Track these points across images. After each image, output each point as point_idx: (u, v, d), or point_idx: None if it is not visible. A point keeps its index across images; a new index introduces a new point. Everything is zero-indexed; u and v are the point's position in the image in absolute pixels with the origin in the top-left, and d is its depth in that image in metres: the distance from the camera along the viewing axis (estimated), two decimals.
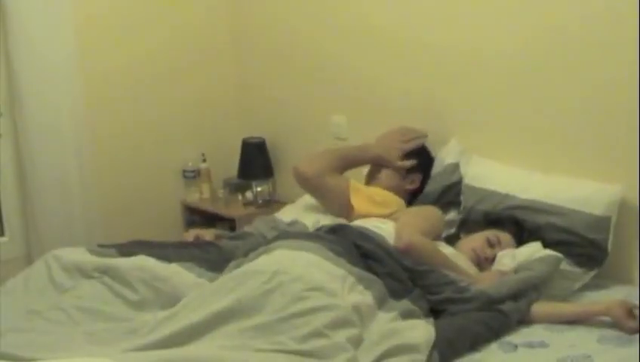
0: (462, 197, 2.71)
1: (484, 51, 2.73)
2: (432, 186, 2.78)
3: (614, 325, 2.09)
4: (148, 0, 3.38)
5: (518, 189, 2.59)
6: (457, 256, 2.37)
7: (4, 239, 3.16)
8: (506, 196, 2.60)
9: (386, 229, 2.37)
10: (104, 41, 3.26)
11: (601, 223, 2.41)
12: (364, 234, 2.28)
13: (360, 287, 2.02)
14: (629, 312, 2.08)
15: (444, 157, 2.81)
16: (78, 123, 3.13)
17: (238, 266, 2.15)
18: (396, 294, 2.10)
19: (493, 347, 2.02)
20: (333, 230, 2.31)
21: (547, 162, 2.62)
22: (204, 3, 3.54)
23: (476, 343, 2.01)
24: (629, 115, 2.37)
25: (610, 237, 2.41)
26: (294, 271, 1.95)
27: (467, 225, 2.59)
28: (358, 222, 2.47)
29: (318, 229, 2.40)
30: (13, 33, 2.95)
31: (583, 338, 2.03)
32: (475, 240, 2.45)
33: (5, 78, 3.02)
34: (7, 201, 3.14)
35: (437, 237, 2.47)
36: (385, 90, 3.07)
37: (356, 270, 2.08)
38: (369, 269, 2.14)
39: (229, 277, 2.05)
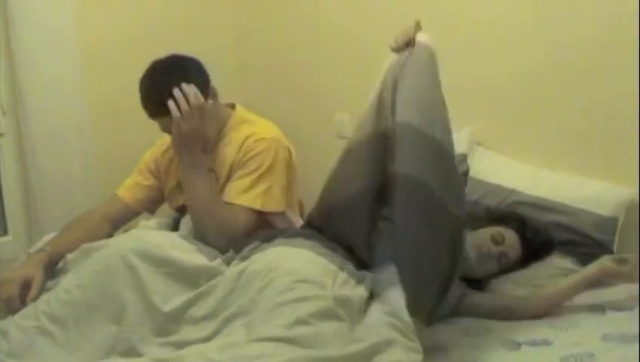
0: (466, 190, 2.67)
1: (496, 46, 2.70)
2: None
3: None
4: (152, 21, 3.41)
5: (524, 185, 2.56)
6: None
7: (7, 238, 3.16)
8: (513, 192, 2.57)
9: None
10: (108, 50, 3.28)
11: (608, 224, 2.39)
12: None
13: (352, 282, 2.00)
14: (621, 262, 2.12)
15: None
16: (81, 122, 3.14)
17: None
18: None
19: (496, 345, 1.98)
20: None
21: (556, 160, 2.60)
22: (208, 20, 3.59)
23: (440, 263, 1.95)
24: None
25: (616, 238, 2.38)
26: (285, 266, 1.95)
27: (471, 221, 2.56)
28: None
29: None
30: (15, 34, 2.95)
31: (586, 336, 1.98)
32: (479, 237, 2.42)
33: (8, 77, 3.02)
34: (11, 200, 3.14)
35: None
36: None
37: (350, 266, 2.06)
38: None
39: (226, 278, 2.01)
